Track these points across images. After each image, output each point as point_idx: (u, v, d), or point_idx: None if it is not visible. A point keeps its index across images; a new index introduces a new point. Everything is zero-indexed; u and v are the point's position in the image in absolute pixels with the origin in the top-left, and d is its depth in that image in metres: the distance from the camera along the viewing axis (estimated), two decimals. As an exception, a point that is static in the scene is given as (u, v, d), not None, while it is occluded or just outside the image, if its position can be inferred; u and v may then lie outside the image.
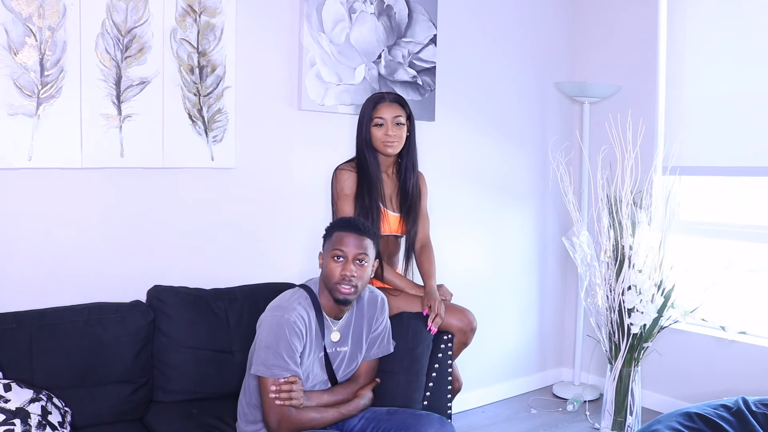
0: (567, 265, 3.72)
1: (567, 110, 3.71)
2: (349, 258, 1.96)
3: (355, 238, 1.97)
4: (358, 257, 1.96)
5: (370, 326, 2.12)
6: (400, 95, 2.44)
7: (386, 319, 2.17)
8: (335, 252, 1.96)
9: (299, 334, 1.92)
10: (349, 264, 1.95)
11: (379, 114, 2.37)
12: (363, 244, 1.97)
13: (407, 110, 2.42)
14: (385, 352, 2.16)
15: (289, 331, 1.90)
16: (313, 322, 1.99)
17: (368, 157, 2.39)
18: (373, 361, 2.15)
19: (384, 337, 2.16)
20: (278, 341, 1.90)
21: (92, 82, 2.20)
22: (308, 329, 1.97)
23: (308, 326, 1.97)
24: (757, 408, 1.97)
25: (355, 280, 1.96)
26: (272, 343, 1.90)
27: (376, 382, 2.14)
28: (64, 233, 2.23)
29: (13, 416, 1.70)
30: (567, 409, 3.38)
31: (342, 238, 1.97)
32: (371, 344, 2.13)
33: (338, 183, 2.40)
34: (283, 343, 1.89)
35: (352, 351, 2.09)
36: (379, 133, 2.37)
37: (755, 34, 3.02)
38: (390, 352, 2.17)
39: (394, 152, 2.40)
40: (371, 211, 2.36)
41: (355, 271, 1.95)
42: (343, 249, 1.96)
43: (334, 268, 1.96)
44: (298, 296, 2.02)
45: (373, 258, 2.03)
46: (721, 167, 3.18)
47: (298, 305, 1.97)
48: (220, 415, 2.11)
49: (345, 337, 2.08)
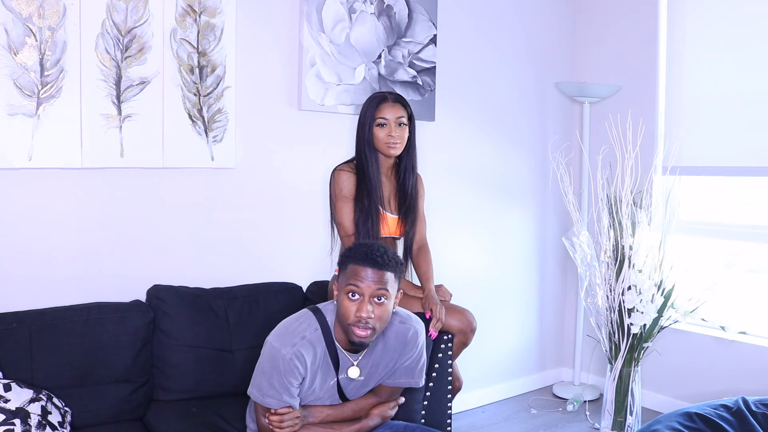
0: (567, 265, 3.72)
1: (567, 110, 3.71)
2: (366, 296, 1.73)
3: (373, 273, 1.73)
4: (377, 294, 1.74)
5: (396, 360, 1.91)
6: (401, 95, 2.42)
7: (420, 352, 1.94)
8: (350, 288, 1.74)
9: (295, 371, 1.77)
10: (365, 304, 1.73)
11: (382, 114, 2.34)
12: (383, 279, 1.74)
13: (409, 110, 2.40)
14: (412, 385, 1.97)
15: (283, 368, 1.76)
16: (320, 355, 1.82)
17: (369, 158, 2.36)
18: (395, 386, 1.96)
19: (415, 370, 1.94)
20: (272, 373, 1.77)
21: (92, 82, 2.20)
22: (313, 363, 1.81)
23: (314, 360, 1.81)
24: (757, 408, 1.97)
25: (372, 322, 1.74)
26: (267, 371, 1.79)
27: (397, 402, 1.96)
28: (64, 233, 2.23)
29: (13, 416, 1.70)
30: (567, 409, 3.38)
31: (358, 273, 1.74)
32: (398, 373, 1.93)
33: (337, 184, 2.38)
34: (276, 377, 1.77)
35: (367, 381, 1.93)
36: (382, 133, 2.35)
37: (755, 34, 3.02)
38: (417, 386, 1.99)
39: (396, 153, 2.38)
40: (370, 213, 2.34)
41: (373, 311, 1.73)
42: (359, 285, 1.73)
43: (349, 306, 1.74)
44: (305, 327, 1.82)
45: (395, 291, 1.81)
46: (721, 167, 3.18)
47: (300, 340, 1.79)
48: (220, 414, 2.11)
49: (365, 372, 1.90)
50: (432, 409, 2.30)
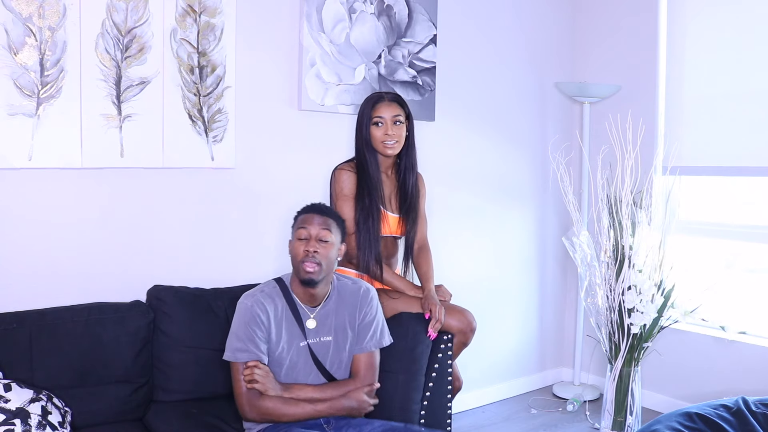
0: (567, 265, 3.72)
1: (567, 110, 3.71)
2: (313, 236, 2.00)
3: (318, 217, 2.03)
4: (321, 235, 2.00)
5: (354, 315, 2.10)
6: (398, 95, 2.43)
7: (377, 310, 2.14)
8: (299, 232, 2.02)
9: (257, 319, 1.98)
10: (312, 241, 1.99)
11: (378, 113, 2.36)
12: (327, 223, 2.02)
13: (406, 109, 2.41)
14: (380, 345, 2.12)
15: (246, 317, 1.98)
16: (280, 308, 2.03)
17: (368, 157, 2.37)
18: (369, 355, 2.09)
19: (377, 329, 2.12)
20: (238, 326, 2.00)
21: (92, 82, 2.20)
22: (276, 316, 2.01)
23: (276, 313, 2.01)
24: (757, 408, 1.97)
25: (318, 257, 1.98)
26: (235, 328, 2.01)
27: (372, 387, 2.07)
28: (64, 233, 2.23)
29: (13, 416, 1.70)
30: (567, 409, 3.38)
31: (305, 219, 2.03)
32: (361, 334, 2.09)
33: (337, 183, 2.39)
34: (242, 329, 1.98)
35: (338, 341, 2.07)
36: (379, 132, 2.36)
37: (755, 34, 3.03)
38: (387, 345, 2.14)
39: (393, 153, 2.39)
40: (371, 212, 2.35)
41: (319, 247, 1.99)
42: (306, 227, 2.01)
43: (298, 246, 2.00)
44: (264, 284, 2.09)
45: (339, 241, 2.06)
46: (721, 167, 3.18)
47: (259, 292, 2.04)
48: (219, 415, 2.11)
49: (324, 326, 2.06)
50: (432, 409, 2.30)
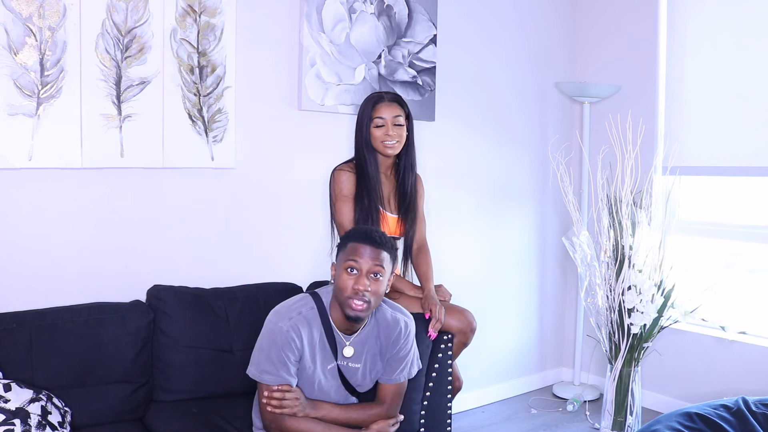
0: (567, 265, 3.72)
1: (567, 110, 3.71)
2: (364, 271, 1.85)
3: (371, 250, 1.86)
4: (374, 270, 1.85)
5: (387, 347, 2.00)
6: (398, 95, 2.43)
7: (412, 344, 2.04)
8: (349, 263, 1.86)
9: (292, 345, 1.85)
10: (363, 278, 1.84)
11: (379, 114, 2.35)
12: (380, 257, 1.86)
13: (406, 110, 2.40)
14: (409, 376, 2.06)
15: (281, 341, 1.85)
16: (316, 334, 1.90)
17: (368, 157, 2.36)
18: (399, 385, 2.03)
19: (408, 362, 2.03)
20: (270, 348, 1.86)
21: (92, 82, 2.20)
22: (310, 341, 1.89)
23: (311, 338, 1.89)
24: (757, 408, 1.97)
25: (368, 295, 1.84)
26: (265, 347, 1.88)
27: (397, 421, 2.01)
28: (64, 233, 2.23)
29: (13, 416, 1.70)
30: (567, 409, 3.38)
31: (357, 250, 1.86)
32: (392, 366, 2.01)
33: (336, 184, 2.38)
34: (274, 351, 1.85)
35: (365, 368, 1.99)
36: (379, 133, 2.35)
37: (755, 34, 3.02)
38: (414, 374, 2.08)
39: (394, 153, 2.39)
40: (371, 212, 2.34)
41: (369, 285, 1.84)
42: (357, 260, 1.85)
43: (347, 280, 1.85)
44: (302, 305, 1.93)
45: (390, 272, 1.92)
46: (721, 167, 3.18)
47: (297, 315, 1.89)
48: (220, 415, 2.11)
49: (359, 353, 1.97)
50: (432, 409, 2.30)
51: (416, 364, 2.07)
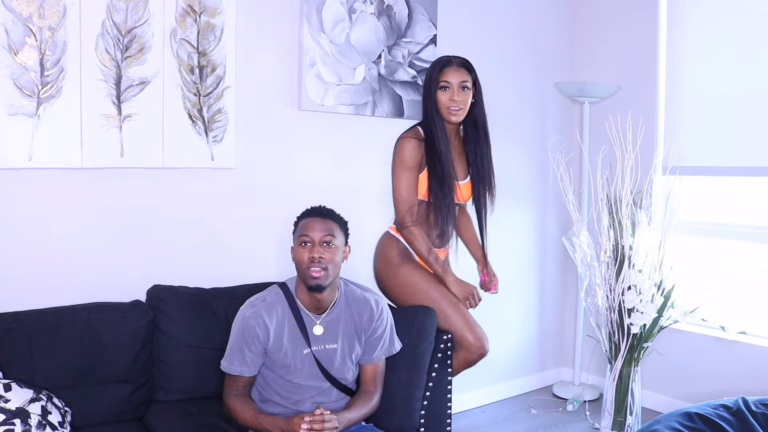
0: (567, 265, 3.72)
1: (567, 110, 3.71)
2: (316, 241, 1.97)
3: (320, 221, 2.00)
4: (325, 240, 1.98)
5: (362, 326, 2.09)
6: (467, 60, 2.38)
7: (387, 321, 2.15)
8: (302, 238, 1.99)
9: (251, 332, 1.97)
10: (317, 246, 1.96)
11: (446, 78, 2.32)
12: (329, 227, 1.99)
13: (474, 75, 2.37)
14: (389, 353, 2.16)
15: (241, 327, 1.99)
16: (283, 317, 2.01)
17: (437, 122, 2.32)
18: (378, 364, 2.14)
19: (386, 339, 2.14)
20: (233, 335, 2.02)
21: (92, 82, 2.20)
22: (277, 325, 1.99)
23: (278, 322, 1.99)
24: (757, 408, 1.97)
25: (324, 262, 1.95)
26: (232, 336, 2.03)
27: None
28: (64, 233, 2.23)
29: (13, 416, 1.70)
30: (567, 409, 3.38)
31: (307, 225, 2.00)
32: (371, 346, 2.11)
33: (401, 152, 2.32)
34: (234, 338, 2.01)
35: (344, 349, 2.07)
36: (444, 97, 2.32)
37: (755, 34, 3.03)
38: (396, 352, 2.17)
39: (458, 120, 2.35)
40: (445, 179, 2.30)
41: (324, 252, 1.96)
42: (308, 234, 1.98)
43: (303, 253, 1.98)
44: (267, 293, 2.06)
45: (343, 243, 2.04)
46: (721, 167, 3.19)
47: (261, 302, 2.02)
48: (220, 414, 2.11)
49: (331, 333, 2.05)
50: (432, 409, 2.30)
51: (396, 342, 2.17)
